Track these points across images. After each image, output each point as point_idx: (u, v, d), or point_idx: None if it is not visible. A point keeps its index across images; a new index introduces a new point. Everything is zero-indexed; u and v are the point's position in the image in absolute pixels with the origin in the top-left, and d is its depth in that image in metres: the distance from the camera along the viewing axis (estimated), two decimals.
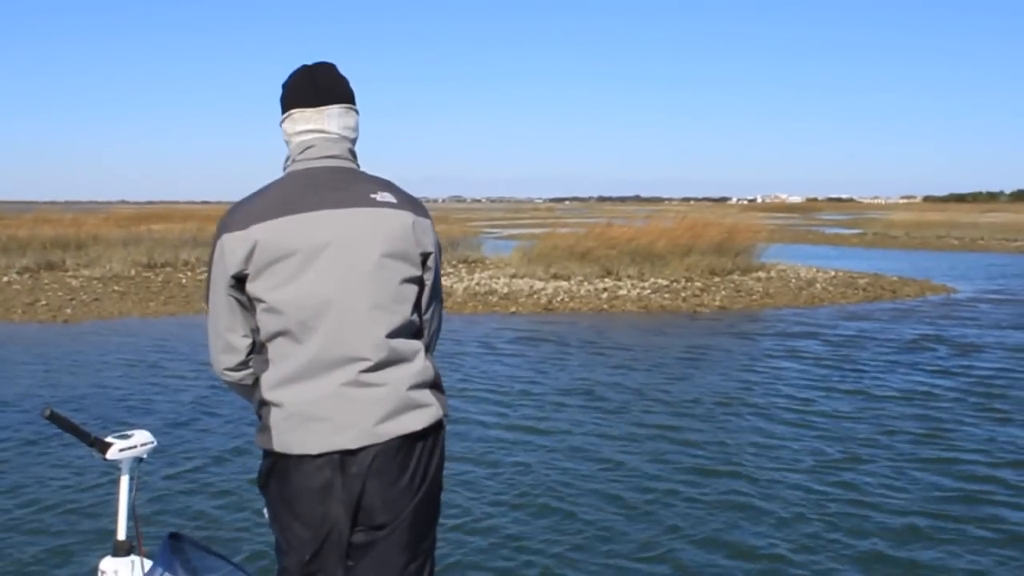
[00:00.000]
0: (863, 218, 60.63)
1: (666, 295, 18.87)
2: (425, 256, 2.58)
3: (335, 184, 2.52)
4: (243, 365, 2.56)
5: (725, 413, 8.99)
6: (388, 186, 2.60)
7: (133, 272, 22.61)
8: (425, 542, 2.61)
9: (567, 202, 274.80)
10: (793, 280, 21.25)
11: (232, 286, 2.46)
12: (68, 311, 16.84)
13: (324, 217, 2.44)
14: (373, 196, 2.52)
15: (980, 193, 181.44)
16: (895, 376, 10.77)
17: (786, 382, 10.57)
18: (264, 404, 2.49)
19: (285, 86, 2.65)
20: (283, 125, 2.64)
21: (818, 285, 20.65)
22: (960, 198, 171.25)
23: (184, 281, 21.06)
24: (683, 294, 18.96)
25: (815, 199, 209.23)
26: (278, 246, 2.40)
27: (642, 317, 16.75)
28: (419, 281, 2.57)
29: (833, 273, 23.13)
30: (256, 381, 2.54)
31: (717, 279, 20.79)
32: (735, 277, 21.22)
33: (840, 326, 15.37)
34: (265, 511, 2.63)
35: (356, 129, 2.69)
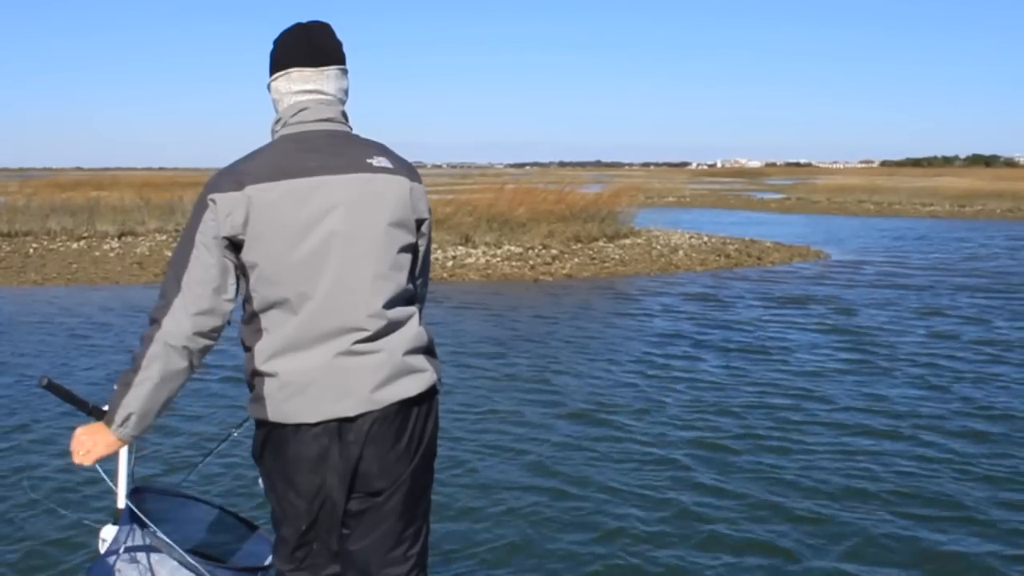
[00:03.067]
0: (804, 183, 60.30)
1: (515, 263, 18.19)
2: (420, 222, 2.59)
3: (332, 149, 2.48)
4: (218, 332, 2.46)
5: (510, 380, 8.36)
6: (383, 150, 2.59)
7: None
8: (420, 506, 2.64)
9: (528, 167, 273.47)
10: (658, 247, 20.59)
11: (227, 247, 2.40)
12: None
13: (323, 183, 2.41)
14: (370, 161, 2.50)
15: (936, 158, 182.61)
16: (683, 340, 10.21)
17: (589, 352, 10.08)
18: (257, 374, 2.46)
19: (279, 43, 2.58)
20: (276, 83, 2.58)
21: (681, 252, 20.04)
22: (916, 163, 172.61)
23: (31, 252, 20.00)
24: (532, 262, 18.26)
25: (774, 164, 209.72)
26: (276, 212, 2.37)
27: (478, 286, 16.07)
28: (414, 248, 2.58)
29: (706, 239, 22.55)
30: (248, 351, 2.49)
31: (580, 246, 20.12)
32: (600, 244, 20.55)
33: (674, 292, 14.99)
34: (260, 482, 2.61)
35: (347, 93, 2.64)
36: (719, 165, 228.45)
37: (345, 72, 2.62)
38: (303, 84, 2.54)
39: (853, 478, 5.89)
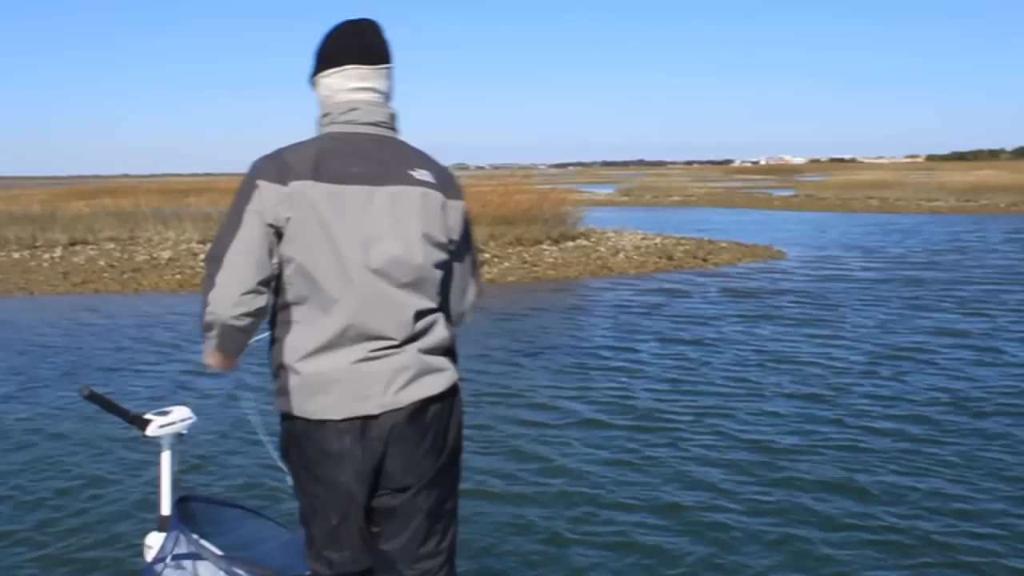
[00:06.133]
0: (829, 179, 59.21)
1: None
2: (451, 240, 2.56)
3: (377, 156, 2.49)
4: (262, 312, 2.48)
5: None
6: (425, 161, 2.58)
7: None
8: (448, 503, 2.65)
9: (570, 167, 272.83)
10: (601, 250, 20.00)
11: (275, 233, 2.41)
12: None
13: (362, 193, 2.42)
14: (411, 173, 2.49)
15: (982, 151, 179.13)
16: (569, 344, 9.72)
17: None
18: (283, 368, 2.48)
19: (331, 40, 2.58)
20: (327, 80, 2.57)
21: (622, 255, 19.43)
22: (961, 156, 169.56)
23: None
24: None
25: (817, 160, 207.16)
26: (314, 213, 2.39)
27: None
28: (446, 264, 2.56)
29: (658, 241, 21.86)
30: (276, 341, 2.52)
31: (517, 249, 19.60)
32: (543, 247, 20.01)
33: (594, 297, 14.65)
34: (289, 479, 2.61)
35: (392, 92, 2.65)
36: (762, 162, 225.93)
37: (392, 71, 2.64)
38: (359, 81, 2.55)
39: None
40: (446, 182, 2.58)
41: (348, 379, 2.43)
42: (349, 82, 2.55)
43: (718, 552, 4.79)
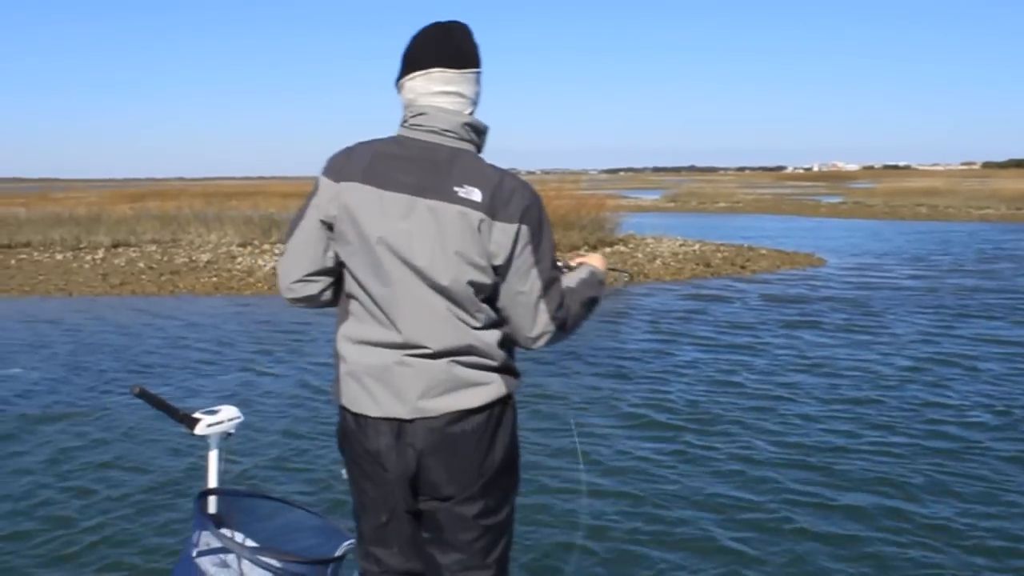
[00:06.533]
0: (879, 187, 58.37)
1: None
2: (493, 263, 2.43)
3: (430, 167, 2.43)
4: (315, 298, 2.60)
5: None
6: (480, 178, 2.43)
7: None
8: (496, 517, 2.59)
9: (621, 172, 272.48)
10: (639, 255, 19.84)
11: (328, 228, 2.50)
12: None
13: (405, 203, 2.40)
14: (456, 189, 2.40)
15: None
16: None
17: None
18: (337, 355, 2.56)
19: (417, 43, 2.54)
20: (412, 83, 2.52)
21: (658, 261, 19.23)
22: (1019, 163, 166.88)
23: (13, 262, 20.19)
24: None
25: (871, 167, 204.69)
26: (357, 215, 2.42)
27: None
28: (489, 286, 2.46)
29: (697, 247, 21.62)
30: (336, 328, 2.59)
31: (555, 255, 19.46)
32: (580, 254, 19.86)
33: (633, 302, 14.42)
34: (343, 472, 2.67)
35: (479, 97, 2.60)
36: (815, 168, 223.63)
37: (480, 76, 2.58)
38: (444, 85, 2.50)
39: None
40: (499, 203, 2.41)
41: (385, 379, 2.46)
42: (433, 85, 2.51)
43: (796, 556, 4.84)
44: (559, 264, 2.71)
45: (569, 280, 2.66)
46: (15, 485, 6.03)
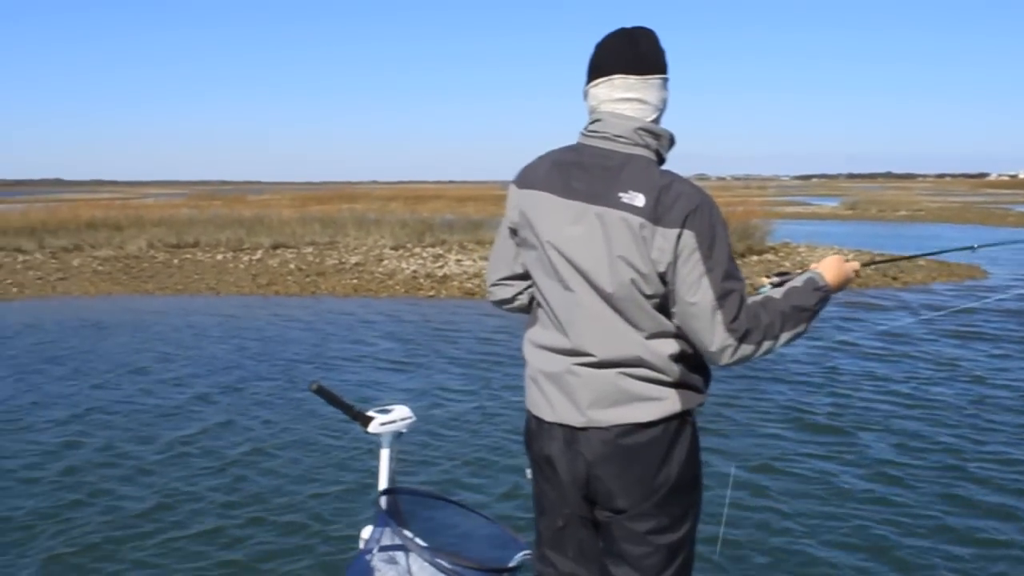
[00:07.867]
0: None
1: None
2: (658, 270, 2.35)
3: (601, 174, 2.43)
4: (508, 301, 2.74)
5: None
6: (648, 184, 2.37)
7: (151, 253, 23.03)
8: (672, 536, 2.52)
9: (814, 179, 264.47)
10: (786, 264, 19.12)
11: (515, 234, 2.61)
12: (14, 290, 17.60)
13: (575, 209, 2.43)
14: (621, 195, 2.38)
15: None
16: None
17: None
18: (523, 358, 2.64)
19: (602, 48, 2.54)
20: (595, 89, 2.52)
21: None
22: None
23: (176, 262, 21.37)
24: None
25: None
26: (531, 219, 2.51)
27: None
28: (653, 292, 2.39)
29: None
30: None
31: None
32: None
33: None
34: (528, 471, 2.71)
35: (666, 103, 2.55)
36: (1021, 175, 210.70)
37: (666, 82, 2.54)
38: (625, 92, 2.47)
39: None
40: (662, 208, 2.32)
41: (559, 384, 2.49)
42: (614, 92, 2.48)
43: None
44: (775, 274, 2.68)
45: (776, 291, 2.50)
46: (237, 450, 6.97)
